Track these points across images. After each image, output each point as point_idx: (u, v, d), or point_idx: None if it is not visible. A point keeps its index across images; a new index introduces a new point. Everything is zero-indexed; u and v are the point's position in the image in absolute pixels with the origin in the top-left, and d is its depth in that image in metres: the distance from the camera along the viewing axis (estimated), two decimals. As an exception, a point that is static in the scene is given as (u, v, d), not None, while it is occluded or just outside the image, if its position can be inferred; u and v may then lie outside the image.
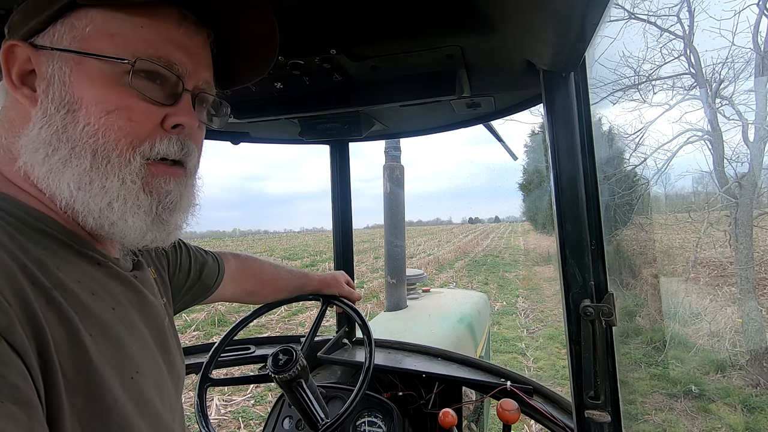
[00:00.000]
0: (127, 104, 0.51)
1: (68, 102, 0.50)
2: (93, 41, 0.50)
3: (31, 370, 0.39)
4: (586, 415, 0.79)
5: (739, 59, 5.46)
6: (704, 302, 6.01)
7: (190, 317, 7.95)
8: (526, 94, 1.13)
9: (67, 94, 0.50)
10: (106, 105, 0.50)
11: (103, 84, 0.50)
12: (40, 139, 0.50)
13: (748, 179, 5.21)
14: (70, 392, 0.44)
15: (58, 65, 0.51)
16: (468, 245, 24.60)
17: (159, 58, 0.52)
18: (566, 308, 0.81)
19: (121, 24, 0.51)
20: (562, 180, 0.81)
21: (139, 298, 0.60)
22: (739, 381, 4.81)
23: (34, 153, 0.50)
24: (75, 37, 0.51)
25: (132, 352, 0.53)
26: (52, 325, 0.43)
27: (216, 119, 0.67)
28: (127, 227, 0.53)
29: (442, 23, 0.74)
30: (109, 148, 0.50)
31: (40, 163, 0.50)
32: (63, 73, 0.50)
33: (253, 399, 4.62)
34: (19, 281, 0.42)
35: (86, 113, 0.50)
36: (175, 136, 0.55)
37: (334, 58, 0.84)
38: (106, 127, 0.50)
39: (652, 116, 6.22)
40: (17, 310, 0.40)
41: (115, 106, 0.50)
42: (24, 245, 0.46)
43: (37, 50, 0.52)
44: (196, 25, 0.57)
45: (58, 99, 0.50)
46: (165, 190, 0.55)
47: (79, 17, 0.51)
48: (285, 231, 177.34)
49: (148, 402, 0.53)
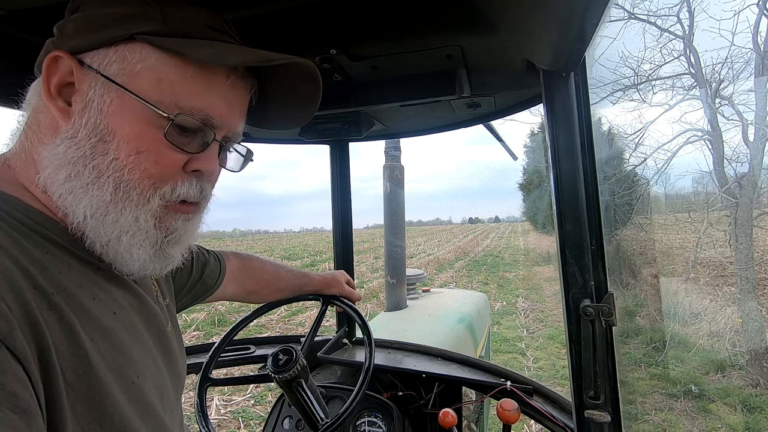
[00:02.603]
0: (157, 149, 0.51)
1: (102, 131, 0.50)
2: (141, 80, 0.50)
3: (31, 376, 0.39)
4: (586, 415, 0.79)
5: (738, 59, 5.47)
6: (704, 302, 6.01)
7: (190, 317, 7.94)
8: (526, 94, 1.13)
9: (102, 123, 0.50)
10: (137, 145, 0.50)
11: (140, 125, 0.50)
12: (66, 158, 0.50)
13: (748, 179, 5.21)
14: (71, 397, 0.43)
15: (100, 92, 0.50)
16: (468, 245, 24.60)
17: (200, 111, 0.52)
18: (566, 308, 0.81)
19: (172, 70, 0.51)
20: (562, 180, 0.81)
21: (140, 301, 0.60)
22: (739, 381, 4.81)
23: (57, 170, 0.50)
24: (123, 70, 0.50)
25: (133, 356, 0.53)
26: (53, 330, 0.43)
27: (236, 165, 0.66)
28: (131, 260, 0.53)
29: (442, 23, 0.74)
30: (132, 185, 0.51)
31: (60, 182, 0.50)
32: (103, 101, 0.50)
33: (253, 399, 4.62)
34: (20, 286, 0.42)
35: (117, 147, 0.50)
36: (195, 179, 0.56)
37: (334, 58, 0.84)
38: (133, 165, 0.50)
39: (652, 116, 6.24)
40: (18, 315, 0.40)
41: (145, 148, 0.51)
42: (27, 248, 0.46)
43: (82, 67, 0.51)
44: (243, 76, 0.57)
45: (93, 125, 0.50)
46: (173, 227, 0.56)
47: (133, 50, 0.50)
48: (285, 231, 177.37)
49: (148, 406, 0.53)
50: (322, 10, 0.70)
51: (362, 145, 1.78)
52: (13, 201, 0.50)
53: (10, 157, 0.54)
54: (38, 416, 0.39)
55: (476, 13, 0.70)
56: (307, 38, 0.79)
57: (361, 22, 0.74)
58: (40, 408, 0.40)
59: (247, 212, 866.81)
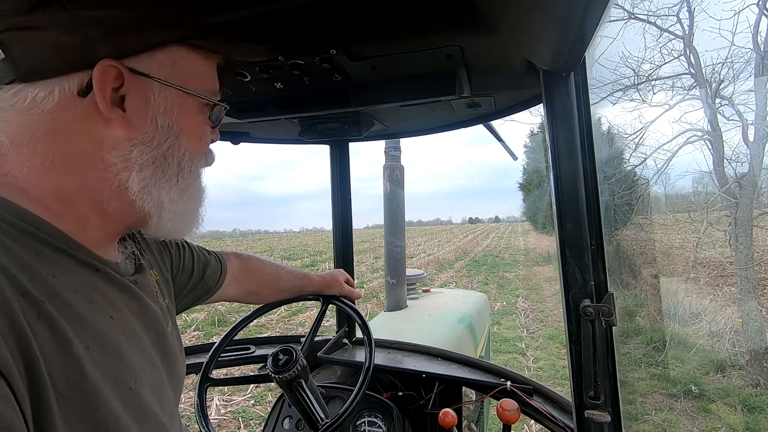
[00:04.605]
0: (206, 132, 0.64)
1: (175, 131, 0.57)
2: (189, 79, 0.58)
3: (16, 390, 0.37)
4: (586, 415, 0.79)
5: (738, 59, 5.46)
6: (704, 302, 6.01)
7: (190, 317, 7.95)
8: (526, 94, 1.13)
9: (174, 123, 0.57)
10: (197, 133, 0.61)
11: (198, 116, 0.61)
12: (143, 159, 0.55)
13: (748, 179, 5.21)
14: (63, 408, 0.42)
15: (163, 96, 0.55)
16: (468, 245, 24.60)
17: (216, 93, 0.63)
18: (566, 308, 0.81)
19: (200, 64, 0.60)
20: (562, 180, 0.81)
21: (139, 304, 0.60)
22: (739, 381, 4.81)
23: (139, 171, 0.55)
24: (174, 72, 0.56)
25: (131, 361, 0.52)
26: (42, 340, 0.42)
27: None
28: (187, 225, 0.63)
29: (442, 23, 0.74)
30: (196, 166, 0.62)
31: (143, 180, 0.55)
32: (169, 103, 0.56)
33: (253, 399, 4.62)
34: (5, 295, 0.40)
35: (187, 140, 0.59)
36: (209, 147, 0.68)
37: (334, 58, 0.84)
38: (197, 150, 0.61)
39: (651, 116, 6.22)
40: (3, 327, 0.38)
41: (201, 134, 0.62)
42: (14, 252, 0.44)
43: (132, 74, 0.52)
44: None
45: (167, 126, 0.56)
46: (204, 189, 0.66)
47: (174, 51, 0.56)
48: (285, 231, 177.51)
49: (147, 411, 0.53)
50: (322, 10, 0.70)
51: (362, 145, 1.79)
52: (7, 204, 0.48)
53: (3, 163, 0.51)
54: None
55: (476, 13, 0.70)
56: (307, 38, 0.79)
57: (361, 22, 0.74)
58: (26, 423, 0.38)
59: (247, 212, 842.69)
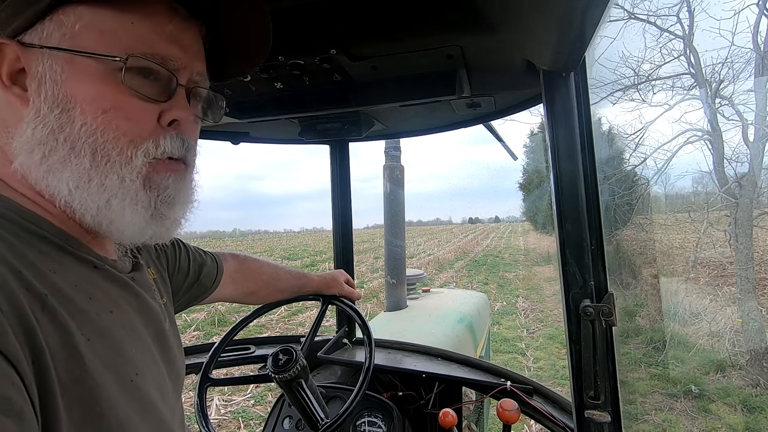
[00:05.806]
0: (123, 102, 0.51)
1: (62, 101, 0.49)
2: (83, 39, 0.50)
3: (25, 379, 0.39)
4: (586, 415, 0.79)
5: (738, 59, 5.46)
6: (704, 302, 6.01)
7: (190, 317, 7.95)
8: (526, 94, 1.13)
9: (60, 93, 0.49)
10: (101, 103, 0.50)
11: (96, 82, 0.50)
12: (35, 140, 0.49)
13: (748, 179, 5.21)
14: (66, 399, 0.43)
15: (48, 63, 0.49)
16: (468, 245, 24.59)
17: (151, 55, 0.52)
18: (566, 308, 0.81)
19: (110, 20, 0.50)
20: (562, 180, 0.81)
21: (138, 300, 0.60)
22: (739, 381, 4.81)
23: (29, 154, 0.49)
24: (64, 35, 0.50)
25: (131, 355, 0.53)
26: (47, 332, 0.43)
27: (211, 113, 0.66)
28: (125, 224, 0.53)
29: (442, 23, 0.74)
30: (109, 146, 0.50)
31: (36, 164, 0.49)
32: (54, 71, 0.49)
33: (253, 399, 4.62)
34: (12, 288, 0.41)
35: (81, 112, 0.49)
36: (175, 133, 0.55)
37: (334, 58, 0.84)
38: (104, 126, 0.50)
39: (652, 116, 6.22)
40: (11, 317, 0.39)
41: (110, 105, 0.50)
42: (18, 249, 0.45)
43: (25, 48, 0.50)
44: (188, 18, 0.56)
45: (52, 98, 0.49)
46: (164, 186, 0.55)
47: (67, 14, 0.50)
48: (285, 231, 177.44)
49: (148, 404, 0.53)
50: (322, 10, 0.70)
51: (362, 145, 1.79)
52: (6, 201, 0.49)
53: None
54: (32, 420, 0.38)
55: (476, 14, 0.70)
56: (307, 38, 0.79)
57: (361, 22, 0.74)
58: (35, 411, 0.39)
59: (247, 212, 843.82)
